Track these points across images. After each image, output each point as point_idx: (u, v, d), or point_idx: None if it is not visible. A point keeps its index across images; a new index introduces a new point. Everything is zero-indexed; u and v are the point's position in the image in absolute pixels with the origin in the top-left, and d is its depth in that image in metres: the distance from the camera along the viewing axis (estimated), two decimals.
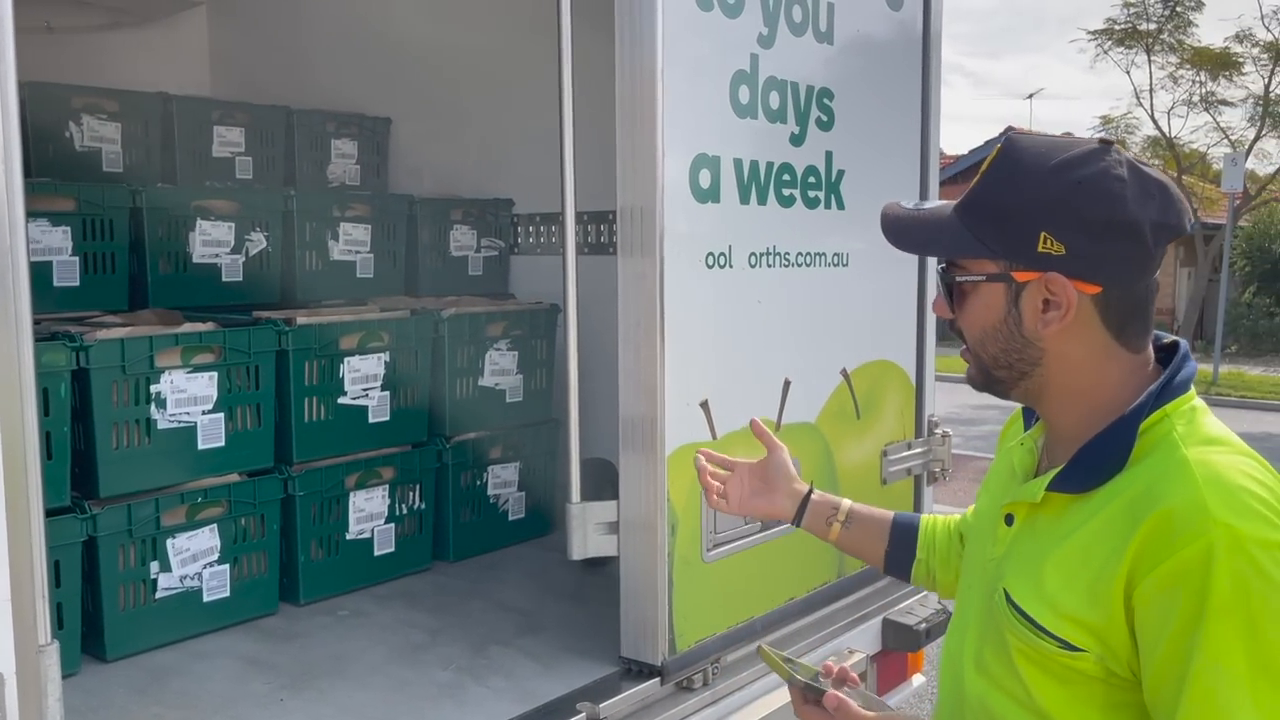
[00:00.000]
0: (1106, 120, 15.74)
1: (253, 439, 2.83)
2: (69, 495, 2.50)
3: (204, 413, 2.71)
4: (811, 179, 2.82)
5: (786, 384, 2.79)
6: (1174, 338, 1.28)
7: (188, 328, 2.70)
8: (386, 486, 3.15)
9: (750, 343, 2.67)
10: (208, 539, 2.74)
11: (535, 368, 3.58)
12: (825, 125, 2.85)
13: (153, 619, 2.64)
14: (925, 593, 3.45)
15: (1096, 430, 1.20)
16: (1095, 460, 1.19)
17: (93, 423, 2.52)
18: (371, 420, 3.11)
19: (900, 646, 3.22)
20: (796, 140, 2.76)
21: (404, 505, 3.20)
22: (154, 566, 2.64)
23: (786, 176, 2.74)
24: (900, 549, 1.75)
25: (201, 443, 2.71)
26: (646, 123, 2.37)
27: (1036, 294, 1.20)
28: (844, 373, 3.01)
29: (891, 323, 3.23)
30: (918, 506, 3.41)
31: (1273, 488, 1.11)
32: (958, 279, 1.27)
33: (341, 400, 3.03)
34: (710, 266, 2.54)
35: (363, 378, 3.07)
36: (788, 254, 2.77)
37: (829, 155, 2.88)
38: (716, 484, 1.80)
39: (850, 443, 3.05)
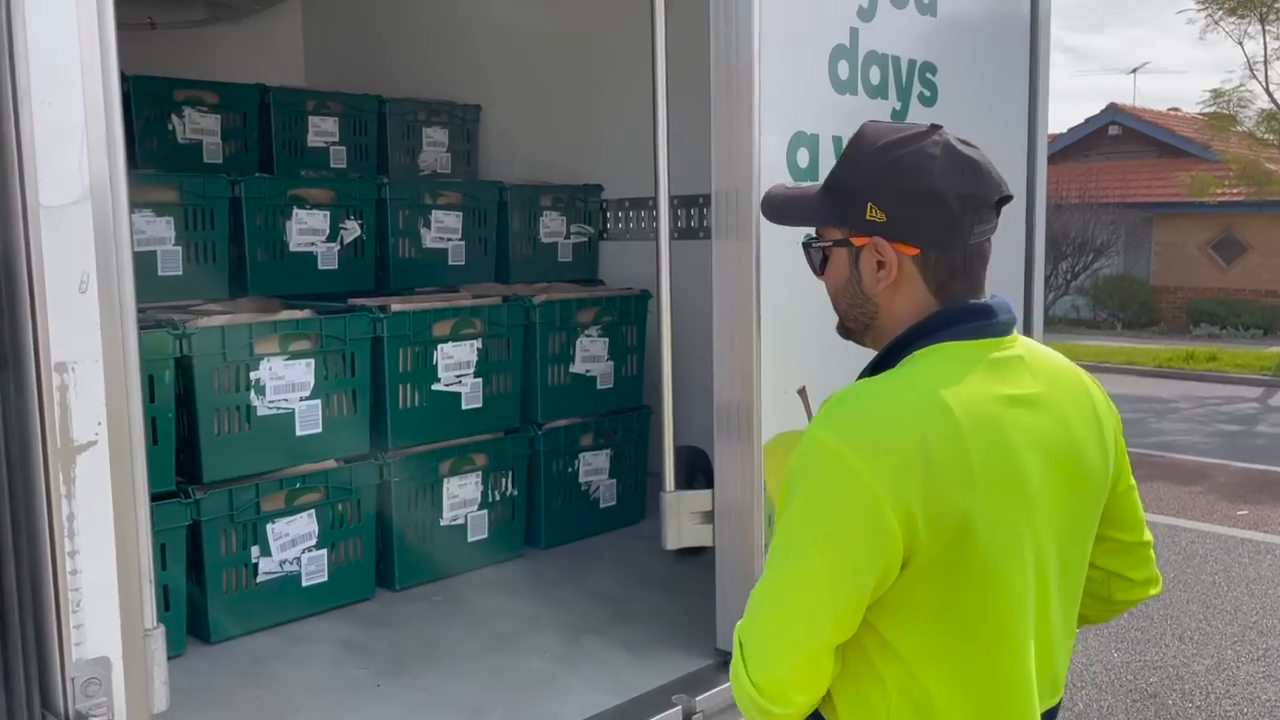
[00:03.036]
0: (1218, 94, 15.02)
1: (349, 425, 2.85)
2: (174, 480, 2.55)
3: (301, 399, 2.74)
4: None
5: None
6: (991, 300, 1.40)
7: (285, 315, 2.72)
8: (479, 473, 3.15)
9: None
10: (306, 524, 2.77)
11: (626, 354, 3.55)
12: (928, 101, 2.74)
13: (253, 603, 2.69)
14: None
15: None
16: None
17: (196, 409, 2.56)
18: (464, 407, 3.11)
19: None
20: (898, 117, 2.66)
21: (496, 492, 3.20)
22: (254, 551, 2.68)
23: None
24: None
25: (299, 429, 2.74)
26: (743, 101, 2.31)
27: (870, 256, 1.40)
28: None
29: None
30: None
31: (861, 405, 1.32)
32: (813, 245, 1.50)
33: (435, 387, 3.03)
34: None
35: (455, 364, 3.07)
36: None
37: None
38: None
39: None
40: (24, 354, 1.35)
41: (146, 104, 3.67)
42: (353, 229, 3.54)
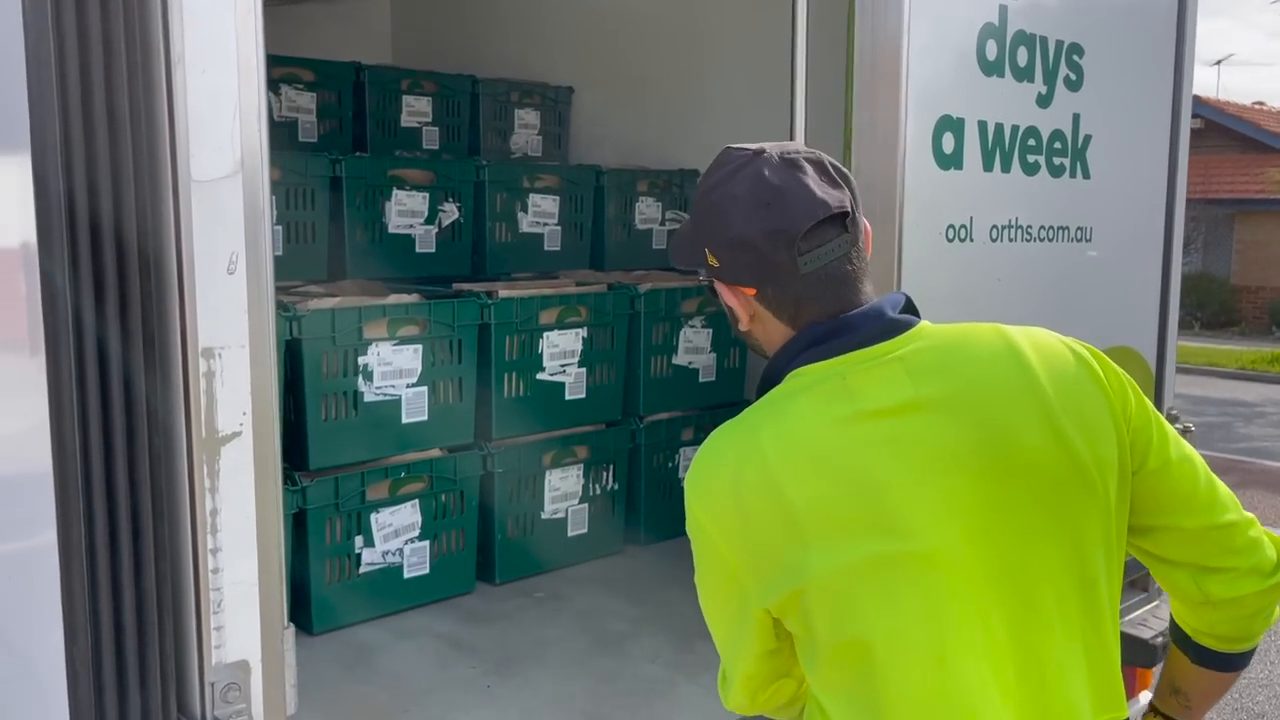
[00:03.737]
0: None
1: (454, 414, 2.77)
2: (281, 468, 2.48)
3: (408, 386, 2.66)
4: (1057, 144, 2.55)
5: None
6: (851, 313, 1.28)
7: (394, 299, 2.64)
8: (581, 466, 3.05)
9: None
10: (409, 514, 2.69)
11: (728, 346, 3.42)
12: (1074, 85, 2.57)
13: (356, 594, 2.62)
14: (1158, 602, 3.14)
15: None
16: None
17: (303, 394, 2.49)
18: (568, 397, 3.02)
19: (1132, 661, 2.94)
20: (1043, 101, 2.49)
21: (597, 485, 3.10)
22: (358, 541, 2.61)
23: (1032, 141, 2.48)
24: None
25: (405, 416, 2.66)
26: (889, 82, 2.16)
27: (726, 298, 1.35)
28: None
29: (1133, 305, 2.92)
30: None
31: (705, 448, 1.30)
32: (701, 282, 1.42)
33: (539, 376, 2.94)
34: (950, 240, 2.32)
35: (560, 353, 2.97)
36: (1029, 227, 2.51)
37: (1076, 119, 2.60)
38: None
39: None
40: (170, 338, 1.26)
41: None
42: (451, 211, 3.46)
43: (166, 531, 1.28)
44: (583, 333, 3.02)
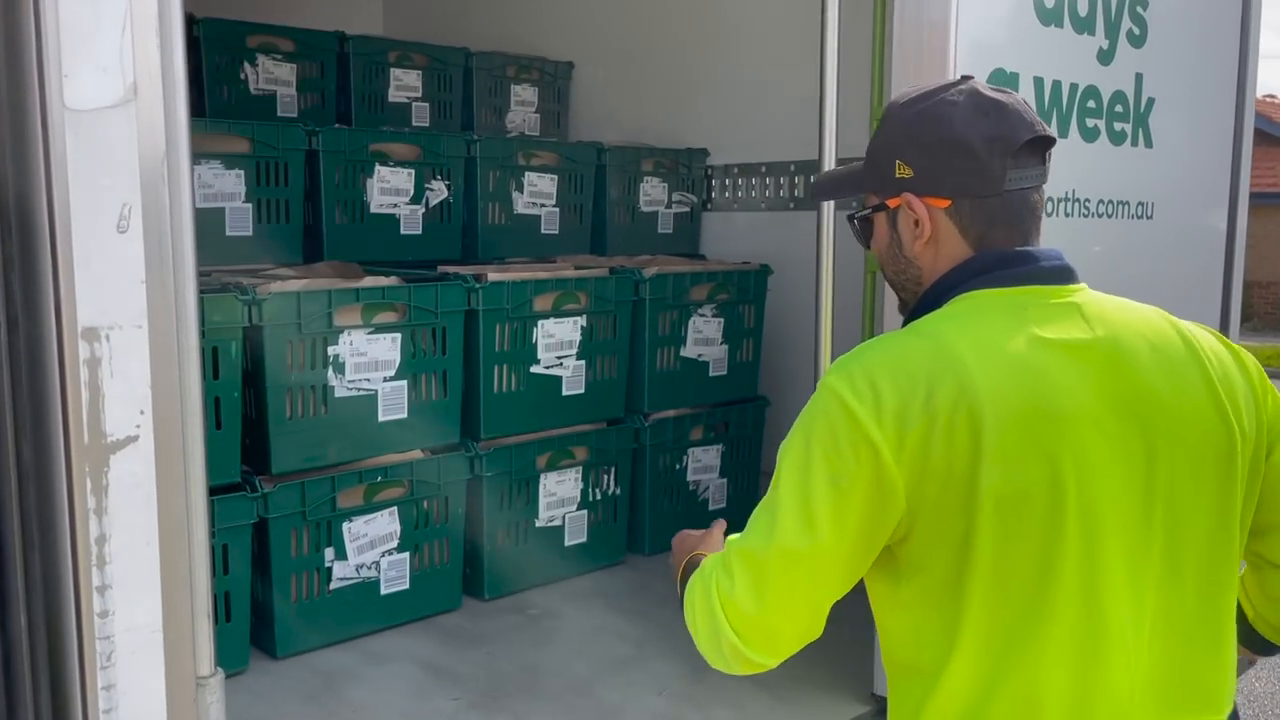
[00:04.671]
0: None
1: (437, 411, 2.48)
2: (239, 471, 2.20)
3: (385, 379, 2.37)
4: (1118, 107, 2.26)
5: None
6: (1035, 248, 1.29)
7: (369, 282, 2.35)
8: (580, 468, 2.76)
9: None
10: (386, 523, 2.40)
11: (741, 337, 3.13)
12: (1137, 40, 2.27)
13: (326, 613, 2.33)
14: None
15: None
16: None
17: (265, 388, 2.20)
18: (565, 393, 2.73)
19: None
20: (1105, 57, 2.20)
21: (597, 490, 2.81)
22: (328, 553, 2.32)
23: (1091, 103, 2.18)
24: None
25: (382, 414, 2.37)
26: (936, 29, 1.87)
27: (907, 217, 1.32)
28: None
29: (1194, 288, 2.63)
30: None
31: (870, 354, 1.22)
32: (855, 216, 1.42)
33: (534, 369, 2.65)
34: None
35: (556, 344, 2.68)
36: (1088, 201, 2.22)
37: (1139, 79, 2.30)
38: None
39: None
40: (40, 316, 0.97)
41: (217, 50, 3.33)
42: (439, 190, 3.17)
43: (38, 565, 0.99)
44: (581, 321, 2.72)
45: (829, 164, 2.00)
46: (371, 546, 2.39)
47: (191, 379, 1.12)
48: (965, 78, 1.32)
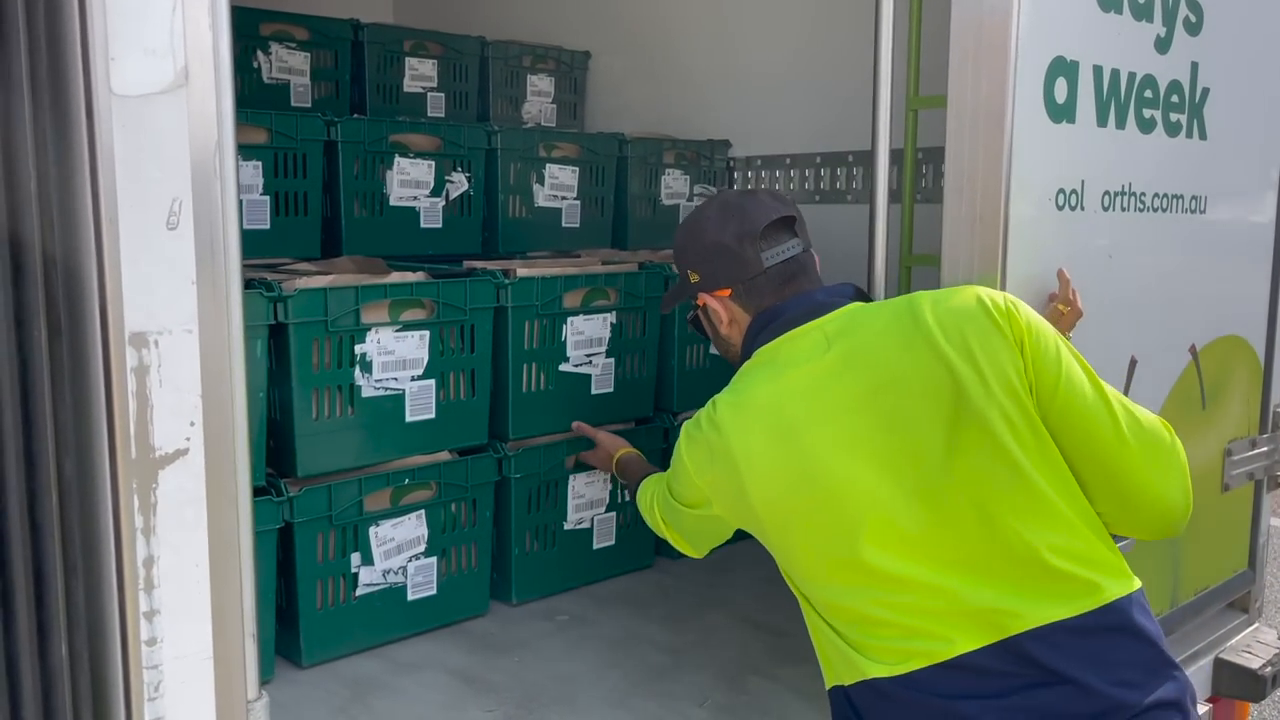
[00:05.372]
0: None
1: (465, 411, 2.40)
2: (264, 474, 2.12)
3: (413, 379, 2.29)
4: (1174, 97, 2.18)
5: (1133, 363, 2.17)
6: (784, 302, 1.71)
7: (397, 278, 2.27)
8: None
9: (1096, 307, 2.05)
10: (414, 527, 2.33)
11: None
12: (1193, 28, 2.19)
13: (353, 619, 2.25)
14: (1258, 624, 2.78)
15: None
16: None
17: (290, 388, 2.12)
18: (594, 391, 2.64)
19: (1237, 694, 2.58)
20: (1162, 45, 2.12)
21: (626, 492, 2.73)
22: (355, 559, 2.24)
23: (1148, 93, 2.11)
24: None
25: (409, 414, 2.29)
26: (997, 16, 1.79)
27: (710, 310, 1.78)
28: (1193, 350, 2.37)
29: (1243, 287, 2.55)
30: (1255, 519, 2.74)
31: (711, 411, 1.65)
32: (689, 320, 1.94)
33: (563, 367, 2.56)
34: (1060, 207, 1.94)
35: (586, 341, 2.60)
36: (1143, 195, 2.14)
37: (1194, 68, 2.22)
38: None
39: (1193, 439, 2.39)
40: (84, 321, 0.89)
41: (231, 38, 3.23)
42: (460, 182, 3.08)
43: (81, 591, 0.91)
44: (611, 318, 2.64)
45: (883, 155, 1.92)
46: (399, 551, 2.31)
47: (239, 386, 1.04)
48: (720, 192, 1.78)
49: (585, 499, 2.65)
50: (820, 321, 1.61)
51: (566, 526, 2.62)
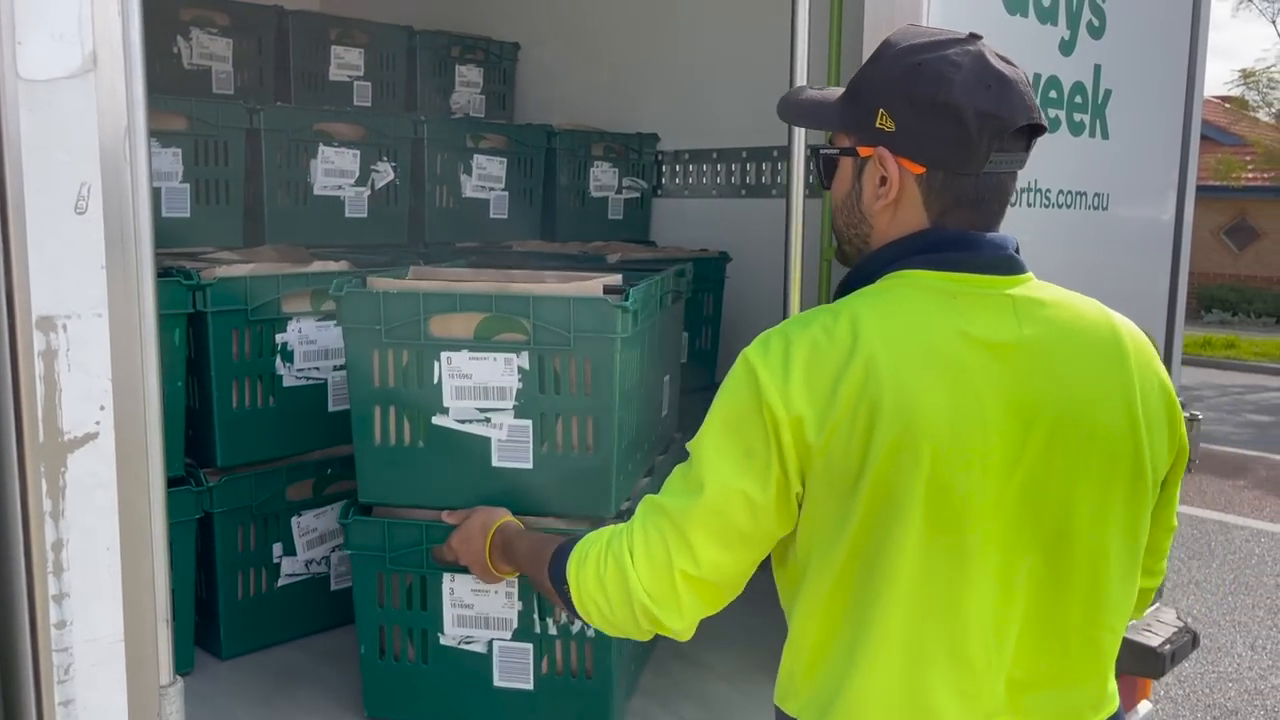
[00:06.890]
0: (1247, 75, 14.60)
1: None
2: (183, 464, 2.10)
3: (335, 369, 2.29)
4: (1078, 98, 2.27)
5: None
6: (986, 234, 1.25)
7: (319, 267, 2.26)
8: None
9: None
10: (336, 518, 2.32)
11: (700, 325, 3.10)
12: (1096, 31, 2.29)
13: (274, 610, 2.25)
14: (1158, 605, 2.91)
15: None
16: None
17: (210, 377, 2.11)
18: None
19: (1138, 671, 2.70)
20: (1066, 48, 2.21)
21: (543, 595, 2.75)
22: (277, 549, 2.24)
23: (1053, 93, 2.19)
24: None
25: (332, 404, 2.29)
26: (908, 11, 1.85)
27: (875, 170, 1.26)
28: None
29: (1143, 282, 2.66)
30: None
31: (790, 329, 1.21)
32: (820, 151, 1.34)
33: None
34: None
35: None
36: (1048, 191, 2.23)
37: (1097, 70, 2.32)
38: None
39: None
40: None
41: (148, 23, 3.14)
42: (385, 172, 3.07)
43: None
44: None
45: (799, 151, 1.97)
46: (321, 541, 2.31)
47: (152, 371, 1.05)
48: (974, 36, 1.23)
49: None
50: (1007, 281, 1.22)
51: None
